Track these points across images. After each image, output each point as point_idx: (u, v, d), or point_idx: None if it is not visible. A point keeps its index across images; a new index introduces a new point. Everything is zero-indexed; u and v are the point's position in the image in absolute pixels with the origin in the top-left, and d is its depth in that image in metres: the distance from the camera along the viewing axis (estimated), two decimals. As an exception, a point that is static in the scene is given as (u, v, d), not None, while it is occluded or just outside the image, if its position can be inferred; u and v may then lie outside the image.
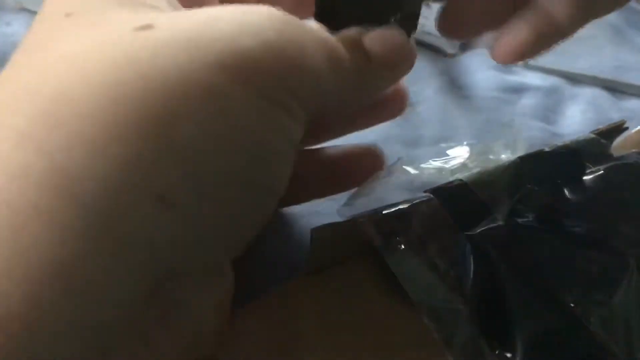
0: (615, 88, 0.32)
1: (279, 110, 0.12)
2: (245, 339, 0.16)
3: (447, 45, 0.33)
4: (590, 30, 0.36)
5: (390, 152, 0.22)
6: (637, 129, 0.23)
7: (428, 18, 0.32)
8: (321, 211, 0.23)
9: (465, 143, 0.22)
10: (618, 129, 0.22)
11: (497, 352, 0.16)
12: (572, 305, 0.16)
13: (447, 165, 0.21)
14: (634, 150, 0.22)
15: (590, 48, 0.35)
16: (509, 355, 0.16)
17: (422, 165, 0.21)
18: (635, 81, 0.33)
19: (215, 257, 0.13)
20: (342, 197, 0.20)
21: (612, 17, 0.38)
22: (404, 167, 0.20)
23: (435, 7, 0.32)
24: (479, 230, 0.18)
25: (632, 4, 0.39)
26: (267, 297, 0.18)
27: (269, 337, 0.16)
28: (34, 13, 0.32)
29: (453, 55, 0.34)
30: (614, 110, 0.31)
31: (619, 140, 0.23)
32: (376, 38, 0.15)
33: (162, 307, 0.12)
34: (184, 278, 0.12)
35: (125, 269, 0.10)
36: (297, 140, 0.13)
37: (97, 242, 0.10)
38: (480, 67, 0.32)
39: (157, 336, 0.12)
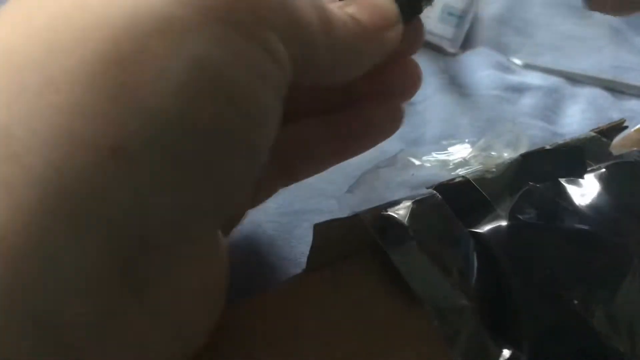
0: (614, 88, 0.33)
1: (258, 49, 0.11)
2: (247, 335, 0.16)
3: (448, 44, 0.33)
4: (591, 31, 0.37)
5: (391, 150, 0.22)
6: (637, 127, 0.23)
7: (429, 17, 0.32)
8: (324, 209, 0.23)
9: (466, 141, 0.23)
10: (618, 127, 0.23)
11: (501, 349, 0.16)
12: (575, 302, 0.16)
13: (450, 158, 0.21)
14: (634, 148, 0.22)
15: (590, 48, 0.35)
16: (513, 352, 0.16)
17: (425, 158, 0.21)
18: (635, 81, 0.33)
19: (189, 225, 0.11)
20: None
21: (612, 18, 0.38)
22: (408, 157, 0.20)
23: (438, 7, 0.32)
24: (482, 228, 0.18)
25: (632, 5, 0.39)
26: (269, 293, 0.18)
27: (270, 333, 0.16)
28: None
29: (454, 55, 0.34)
30: (614, 110, 0.31)
31: (618, 138, 0.23)
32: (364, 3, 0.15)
33: (136, 282, 0.10)
34: (159, 250, 0.11)
35: (86, 233, 0.09)
36: (282, 92, 0.12)
37: (52, 207, 0.09)
38: (481, 66, 0.33)
39: (134, 315, 0.11)
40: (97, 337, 0.10)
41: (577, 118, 0.30)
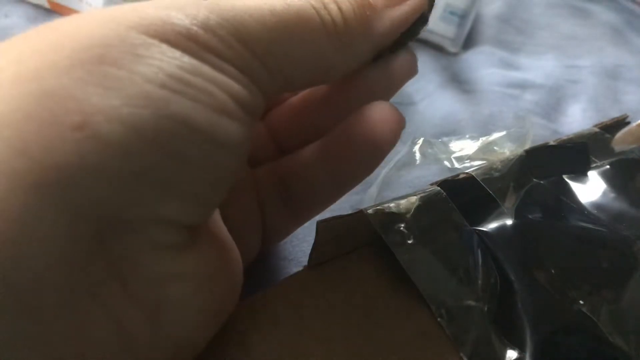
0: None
1: (204, 65, 0.12)
2: (248, 333, 0.16)
3: (448, 43, 0.33)
4: (591, 31, 0.37)
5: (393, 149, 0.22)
6: (638, 122, 0.23)
7: (431, 16, 0.32)
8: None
9: (467, 136, 0.22)
10: (621, 123, 0.22)
11: (507, 349, 0.16)
12: (581, 302, 0.16)
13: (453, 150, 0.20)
14: (636, 145, 0.22)
15: (590, 48, 0.35)
16: (519, 352, 0.15)
17: (431, 150, 0.21)
18: (635, 81, 0.33)
19: (162, 209, 0.12)
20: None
21: (612, 18, 0.38)
22: (418, 141, 0.20)
23: (440, 6, 0.32)
24: (487, 226, 0.18)
25: (632, 5, 0.39)
26: (270, 290, 0.17)
27: (273, 330, 0.16)
28: (33, 5, 0.31)
29: (455, 54, 0.34)
30: (614, 110, 0.31)
31: (619, 134, 0.23)
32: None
33: (112, 259, 0.11)
34: (132, 230, 0.11)
35: (58, 202, 0.10)
36: (247, 105, 0.13)
37: (22, 179, 0.10)
38: (482, 64, 0.33)
39: (114, 298, 0.11)
40: (71, 308, 0.10)
41: (578, 117, 0.30)
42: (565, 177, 0.19)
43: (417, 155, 0.21)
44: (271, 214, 0.18)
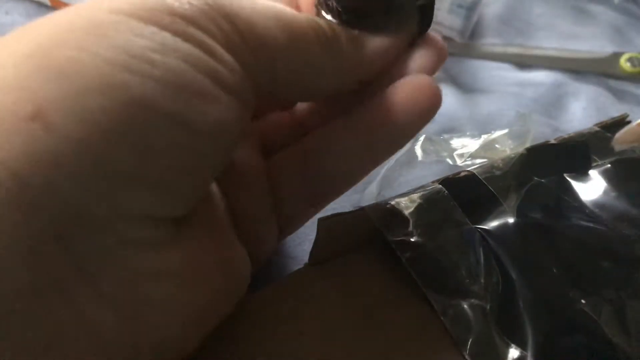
0: (522, 62, 0.33)
1: (183, 41, 0.11)
2: (247, 331, 0.16)
3: (456, 35, 0.34)
4: (591, 31, 0.37)
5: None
6: (638, 121, 0.23)
7: (439, 9, 0.32)
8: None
9: (468, 133, 0.22)
10: (621, 122, 0.23)
11: (509, 348, 0.16)
12: (582, 302, 0.16)
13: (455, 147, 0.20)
14: (636, 144, 0.22)
15: (591, 48, 0.35)
16: (521, 352, 0.15)
17: (432, 148, 0.21)
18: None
19: (128, 202, 0.11)
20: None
21: (612, 18, 0.38)
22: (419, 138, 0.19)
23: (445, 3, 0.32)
24: (489, 225, 0.18)
25: (632, 5, 0.39)
26: (270, 288, 0.17)
27: (272, 328, 0.16)
28: (33, 2, 0.31)
29: (459, 55, 0.34)
30: (613, 110, 0.31)
31: (619, 133, 0.23)
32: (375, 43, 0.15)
33: (78, 256, 0.10)
34: (98, 226, 0.11)
35: (16, 197, 0.09)
36: (231, 88, 0.12)
37: None
38: (483, 63, 0.33)
39: (82, 297, 0.11)
40: (35, 309, 0.10)
41: (578, 115, 0.30)
42: (566, 176, 0.19)
43: (419, 152, 0.21)
44: (288, 201, 0.17)
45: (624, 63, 0.33)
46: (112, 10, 0.11)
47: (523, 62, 0.33)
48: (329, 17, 0.15)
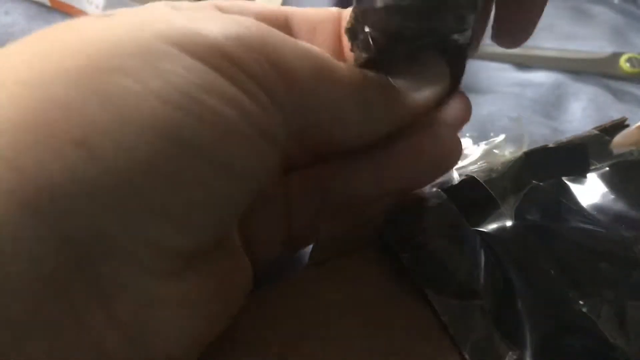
0: (522, 62, 0.33)
1: (230, 84, 0.12)
2: (249, 333, 0.16)
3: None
4: (591, 31, 0.37)
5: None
6: (638, 124, 0.23)
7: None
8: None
9: (467, 135, 0.23)
10: (620, 125, 0.23)
11: (508, 349, 0.16)
12: (581, 303, 0.16)
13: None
14: (635, 147, 0.22)
15: (591, 48, 0.35)
16: (519, 352, 0.16)
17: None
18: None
19: (154, 233, 0.11)
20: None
21: (612, 18, 0.38)
22: None
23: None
24: (487, 227, 0.18)
25: (632, 6, 0.39)
26: (272, 290, 0.18)
27: (272, 331, 0.16)
28: (33, 2, 0.31)
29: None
30: (613, 110, 0.31)
31: (618, 137, 0.23)
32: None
33: (97, 283, 0.10)
34: (120, 255, 0.11)
35: (42, 220, 0.09)
36: (271, 136, 0.12)
37: (10, 194, 0.09)
38: (482, 63, 0.33)
39: (94, 319, 0.11)
40: (47, 327, 0.10)
41: (577, 115, 0.30)
42: (564, 179, 0.19)
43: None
44: (299, 220, 0.18)
45: (624, 63, 0.33)
46: (158, 37, 0.11)
47: (523, 63, 0.33)
48: (358, 51, 0.15)
